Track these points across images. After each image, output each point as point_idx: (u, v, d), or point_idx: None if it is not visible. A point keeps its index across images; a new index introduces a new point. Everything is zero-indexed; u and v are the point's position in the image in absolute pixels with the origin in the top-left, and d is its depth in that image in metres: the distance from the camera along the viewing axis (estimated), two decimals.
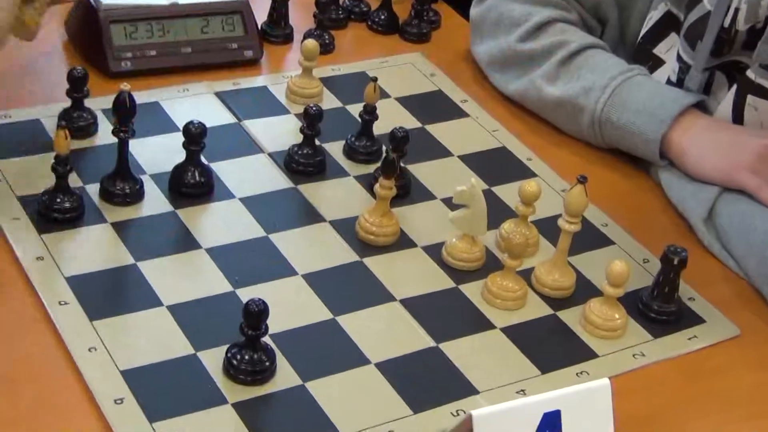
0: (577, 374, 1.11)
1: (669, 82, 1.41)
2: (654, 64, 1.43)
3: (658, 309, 1.18)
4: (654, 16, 1.43)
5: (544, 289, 1.20)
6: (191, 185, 1.24)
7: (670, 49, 1.41)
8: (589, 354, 1.13)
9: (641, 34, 1.45)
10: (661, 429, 1.07)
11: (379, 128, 1.35)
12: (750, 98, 1.32)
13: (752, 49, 1.31)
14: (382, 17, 1.61)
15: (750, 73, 1.31)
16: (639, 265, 1.26)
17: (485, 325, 1.15)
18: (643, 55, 1.44)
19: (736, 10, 1.31)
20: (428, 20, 1.63)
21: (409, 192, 1.31)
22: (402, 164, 1.29)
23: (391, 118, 1.40)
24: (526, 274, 1.20)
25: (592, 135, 1.41)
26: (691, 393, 1.12)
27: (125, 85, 1.17)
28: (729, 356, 1.17)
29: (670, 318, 1.18)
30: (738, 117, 1.33)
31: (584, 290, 1.20)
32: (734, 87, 1.34)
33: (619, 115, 1.36)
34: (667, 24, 1.42)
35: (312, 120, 1.29)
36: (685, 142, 1.33)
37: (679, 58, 1.38)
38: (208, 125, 1.24)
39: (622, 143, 1.39)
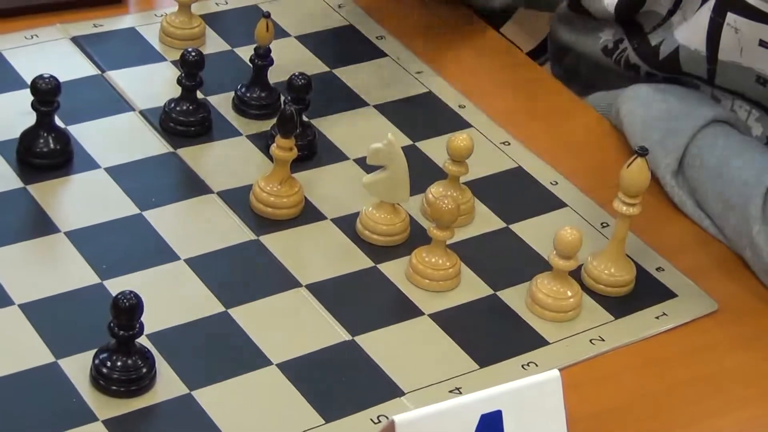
0: (523, 366, 1.13)
1: None
2: None
3: None
4: None
5: (597, 285, 1.21)
6: (44, 154, 1.24)
7: None
8: (537, 341, 1.16)
9: None
10: (625, 428, 1.10)
11: (276, 75, 1.36)
12: (730, 17, 1.33)
13: None
14: None
15: None
16: (596, 230, 1.28)
17: (411, 311, 1.17)
18: None
19: None
20: None
21: (314, 152, 1.32)
22: (305, 119, 1.30)
23: (290, 61, 1.41)
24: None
25: None
26: (661, 382, 1.14)
27: None
28: (706, 336, 1.20)
29: None
30: (713, 40, 1.35)
31: (530, 264, 1.22)
32: (712, 2, 1.35)
33: None
34: None
35: (191, 68, 1.29)
36: None
37: None
38: (63, 79, 1.24)
39: None
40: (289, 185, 1.24)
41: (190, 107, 1.32)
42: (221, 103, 1.36)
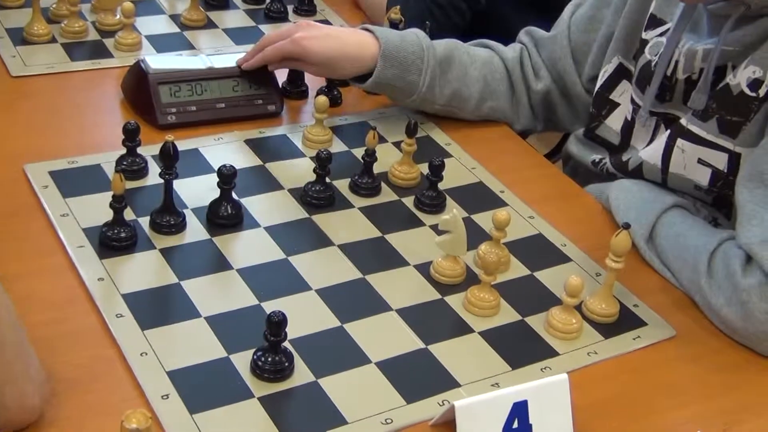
0: (541, 369, 1.10)
1: (625, 121, 1.42)
2: (611, 107, 1.45)
3: None
4: (608, 69, 1.44)
5: (593, 316, 1.18)
6: (225, 217, 1.24)
7: (623, 93, 1.42)
8: (551, 352, 1.13)
9: (598, 85, 1.46)
10: (612, 415, 1.07)
11: (378, 168, 1.35)
12: (679, 141, 1.32)
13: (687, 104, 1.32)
14: None
15: (683, 120, 1.31)
16: (593, 278, 1.25)
17: (466, 329, 1.15)
18: (602, 101, 1.46)
19: (677, 61, 1.32)
20: None
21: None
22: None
23: (388, 159, 1.39)
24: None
25: None
26: (635, 385, 1.12)
27: (169, 137, 1.18)
28: (666, 353, 1.17)
29: None
30: (666, 157, 1.33)
31: (547, 300, 1.20)
32: (668, 132, 1.34)
33: None
34: (620, 74, 1.43)
35: (323, 162, 1.29)
36: None
37: (632, 101, 1.40)
38: (237, 167, 1.24)
39: None
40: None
41: (321, 188, 1.31)
42: (342, 185, 1.35)
